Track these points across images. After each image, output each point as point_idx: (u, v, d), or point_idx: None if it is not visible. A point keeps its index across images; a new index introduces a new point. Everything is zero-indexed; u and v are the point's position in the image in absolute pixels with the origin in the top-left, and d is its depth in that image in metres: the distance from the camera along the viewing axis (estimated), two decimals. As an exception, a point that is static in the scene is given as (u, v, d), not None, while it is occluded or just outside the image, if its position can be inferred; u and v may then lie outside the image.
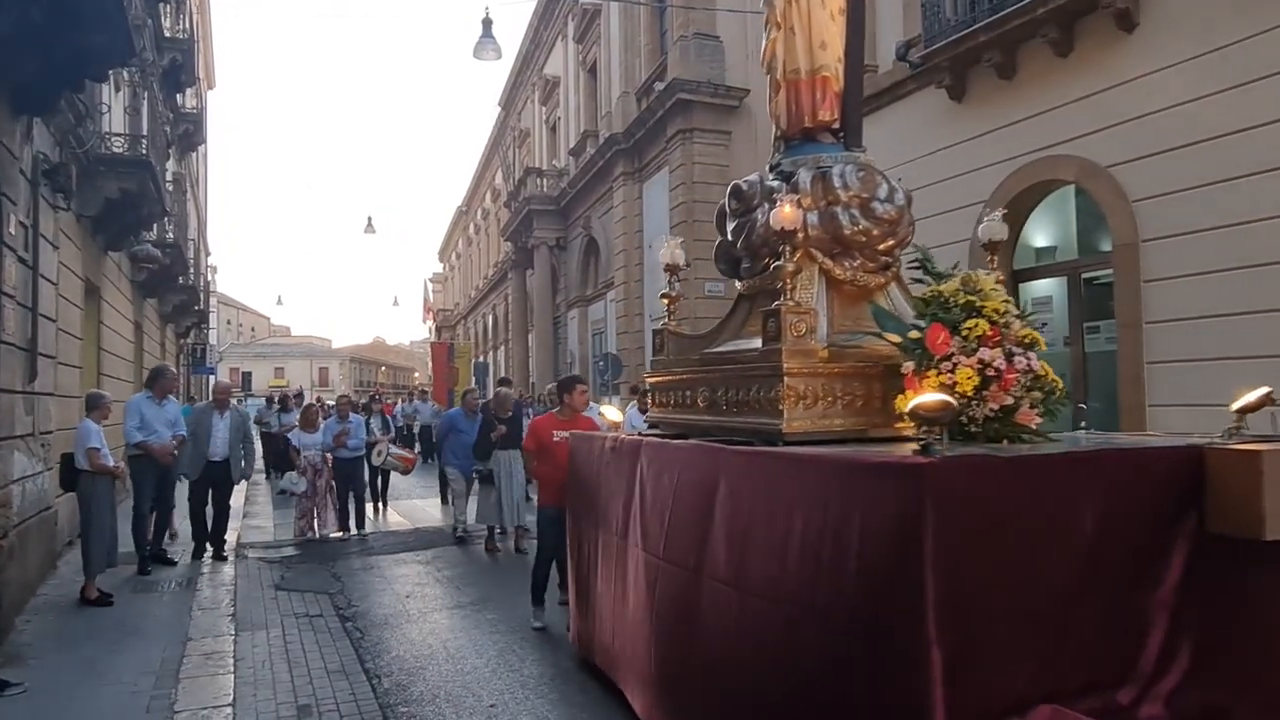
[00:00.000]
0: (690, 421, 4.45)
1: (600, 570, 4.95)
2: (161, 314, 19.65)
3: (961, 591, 2.44)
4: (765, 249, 4.29)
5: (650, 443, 4.39)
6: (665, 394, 4.91)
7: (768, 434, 3.60)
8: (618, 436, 4.96)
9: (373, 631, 6.39)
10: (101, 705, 4.77)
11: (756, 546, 3.16)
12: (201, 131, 23.27)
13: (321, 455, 10.53)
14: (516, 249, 29.14)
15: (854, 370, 3.73)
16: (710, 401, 4.21)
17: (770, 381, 3.64)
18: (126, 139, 11.12)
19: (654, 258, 18.54)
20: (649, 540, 4.11)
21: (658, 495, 4.08)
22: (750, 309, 4.58)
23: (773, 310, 3.70)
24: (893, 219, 4.21)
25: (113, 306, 12.58)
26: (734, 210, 4.60)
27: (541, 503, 6.41)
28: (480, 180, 43.97)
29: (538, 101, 29.85)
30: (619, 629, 4.57)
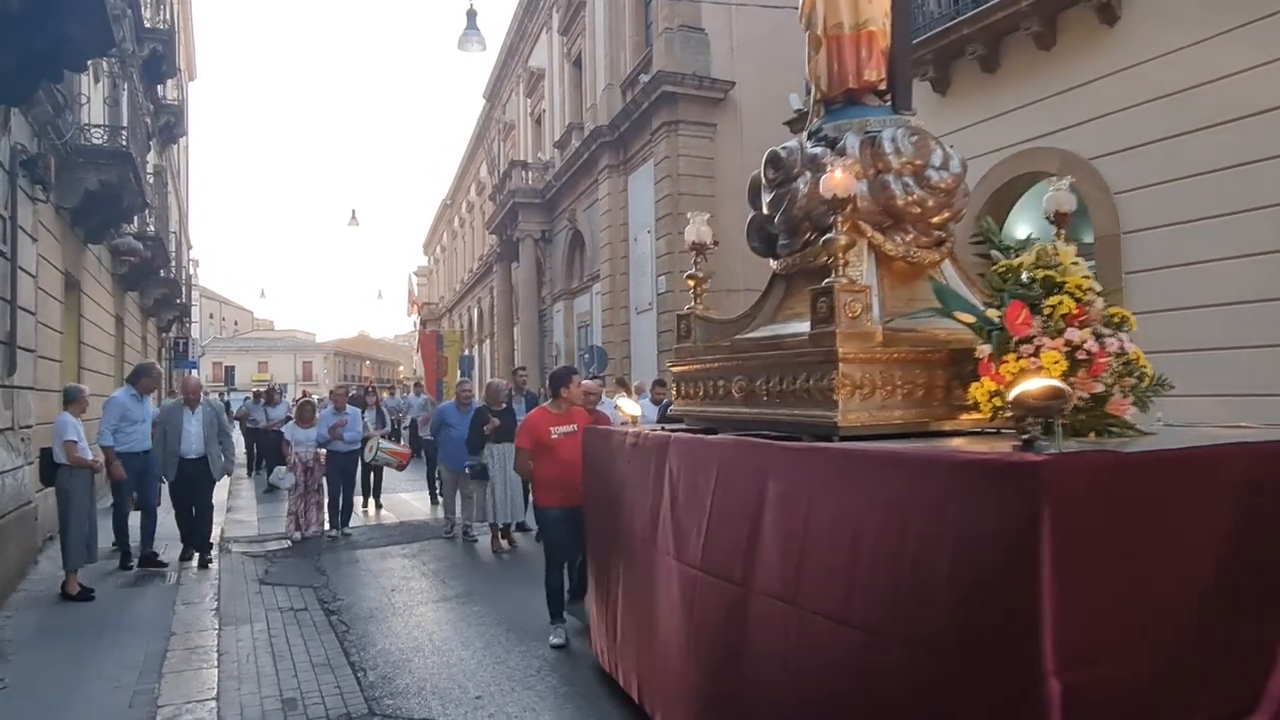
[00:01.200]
0: (723, 414, 4.03)
1: (624, 579, 4.54)
2: (143, 308, 19.50)
3: (1082, 614, 2.07)
4: (807, 223, 3.90)
5: (680, 439, 3.97)
6: (692, 384, 4.41)
7: (819, 428, 3.22)
8: (640, 432, 4.48)
9: (358, 625, 6.38)
10: (83, 700, 4.74)
11: (817, 558, 2.79)
12: (183, 123, 23.08)
13: (314, 453, 10.17)
14: (502, 242, 29.04)
15: (915, 356, 3.31)
16: (748, 392, 3.78)
17: (822, 369, 3.23)
18: (106, 130, 11.03)
19: (639, 250, 18.57)
20: (683, 548, 3.72)
21: (692, 498, 3.69)
22: (787, 290, 4.17)
23: (824, 288, 3.26)
24: (949, 188, 3.80)
25: (93, 300, 12.47)
26: (771, 180, 4.10)
27: (542, 503, 5.88)
28: (465, 173, 43.78)
29: (522, 94, 29.74)
30: (647, 645, 4.15)
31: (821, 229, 3.68)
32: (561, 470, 5.62)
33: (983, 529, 2.21)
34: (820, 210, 3.61)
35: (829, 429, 3.17)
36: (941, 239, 3.90)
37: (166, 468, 8.10)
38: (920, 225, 3.81)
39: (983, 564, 2.19)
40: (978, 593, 2.20)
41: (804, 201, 3.83)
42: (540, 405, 6.45)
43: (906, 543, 2.42)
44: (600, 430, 5.34)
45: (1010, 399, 2.56)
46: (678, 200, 16.90)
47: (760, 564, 3.11)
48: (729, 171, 17.02)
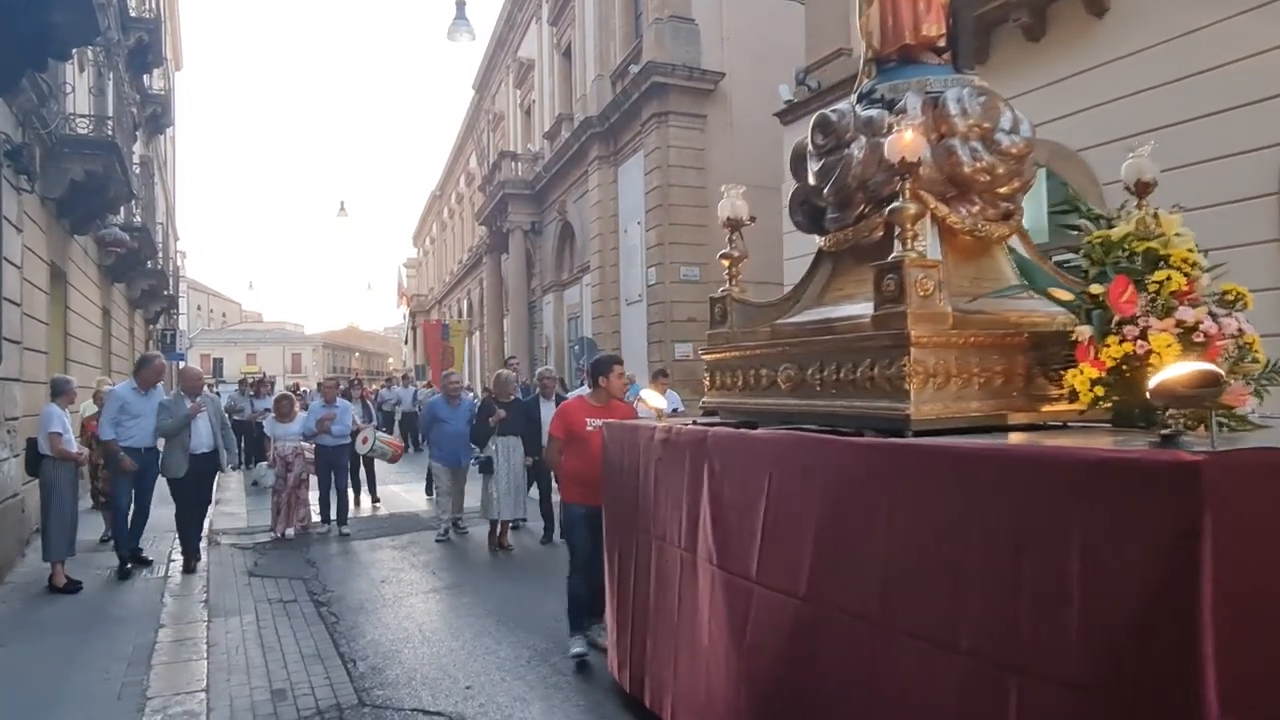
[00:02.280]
0: (767, 407, 3.64)
1: (654, 588, 4.10)
2: (130, 299, 19.37)
3: (1249, 643, 1.74)
4: (861, 193, 3.52)
5: (720, 434, 3.56)
6: (729, 373, 4.01)
7: (887, 421, 2.84)
8: (670, 426, 4.05)
9: (348, 616, 6.37)
10: (72, 691, 4.72)
11: (910, 573, 2.43)
12: (169, 113, 22.89)
13: (295, 448, 9.79)
14: (491, 233, 28.94)
15: (993, 340, 2.94)
16: (797, 382, 3.41)
17: (889, 354, 2.86)
18: (91, 120, 10.93)
19: (629, 242, 18.55)
20: (731, 557, 3.32)
21: (741, 500, 3.28)
22: (834, 269, 3.80)
23: (892, 264, 2.89)
24: (1020, 154, 3.43)
25: (79, 291, 12.38)
26: (819, 147, 3.69)
27: (569, 498, 5.47)
28: (454, 164, 43.61)
29: (512, 84, 29.62)
30: (686, 662, 3.71)
31: (877, 200, 3.38)
32: (589, 466, 5.15)
33: (1126, 541, 1.85)
34: (878, 178, 3.32)
35: (900, 423, 2.79)
36: (1009, 211, 3.53)
37: (179, 466, 7.53)
38: (987, 195, 3.44)
39: (1125, 583, 1.84)
40: (1118, 618, 1.84)
41: (858, 169, 3.46)
42: (579, 393, 6.15)
43: (1025, 557, 2.06)
44: (622, 424, 4.85)
45: (1153, 387, 2.14)
46: (668, 191, 16.89)
47: (832, 577, 2.74)
48: (719, 163, 17.02)
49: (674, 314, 17.00)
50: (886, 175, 3.20)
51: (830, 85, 11.69)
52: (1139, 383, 2.42)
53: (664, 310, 17.05)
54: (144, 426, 7.51)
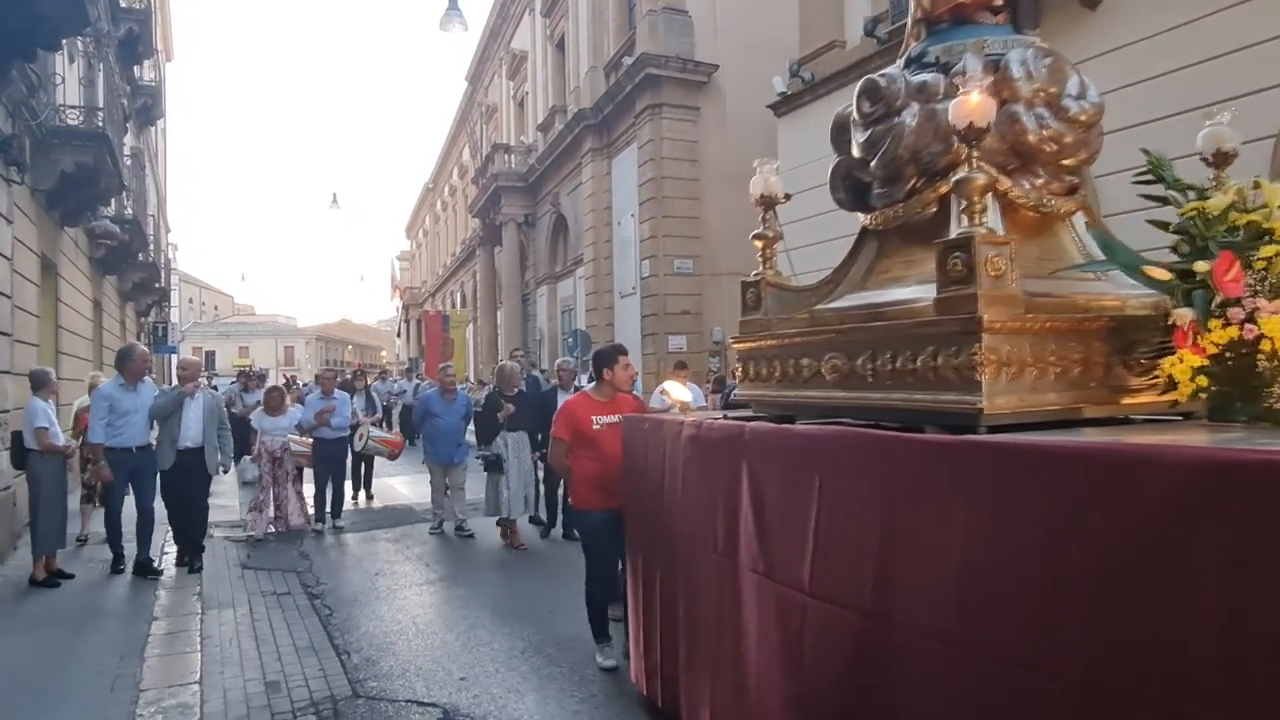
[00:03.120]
0: (808, 400, 3.36)
1: (686, 596, 3.81)
2: (121, 292, 19.31)
3: None
4: (913, 166, 3.22)
5: (760, 430, 3.27)
6: (765, 364, 3.69)
7: (954, 416, 2.60)
8: (699, 421, 3.77)
9: (342, 609, 6.37)
10: (64, 685, 4.72)
11: (993, 586, 2.15)
12: (160, 105, 22.78)
13: (283, 443, 9.36)
14: (484, 226, 28.91)
15: (1070, 325, 2.67)
16: (844, 373, 3.12)
17: (956, 342, 2.59)
18: (82, 111, 10.87)
19: (623, 234, 18.54)
20: (779, 566, 3.03)
21: (786, 504, 3.01)
22: (880, 250, 3.52)
23: (959, 241, 2.63)
24: (1089, 121, 3.15)
25: (70, 283, 12.33)
26: (866, 116, 3.38)
27: (581, 504, 5.05)
28: (447, 156, 43.50)
29: (505, 76, 29.54)
30: (728, 677, 3.40)
31: (930, 173, 3.13)
32: (604, 467, 4.80)
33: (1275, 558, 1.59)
34: (933, 149, 3.06)
35: (970, 418, 2.54)
36: (1074, 185, 3.24)
37: (164, 457, 7.24)
38: (1052, 168, 3.17)
39: None
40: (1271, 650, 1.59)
41: (911, 139, 3.16)
42: (582, 390, 5.72)
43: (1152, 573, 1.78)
44: (644, 419, 4.46)
45: None
46: (661, 184, 16.89)
47: (900, 590, 2.46)
48: (712, 155, 17.01)
49: (668, 306, 17.02)
50: (943, 145, 2.97)
51: (824, 77, 11.68)
52: (1243, 371, 2.26)
53: (658, 303, 17.06)
54: (136, 424, 7.09)
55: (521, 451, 8.40)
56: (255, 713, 4.41)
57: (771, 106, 13.10)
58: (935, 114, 3.07)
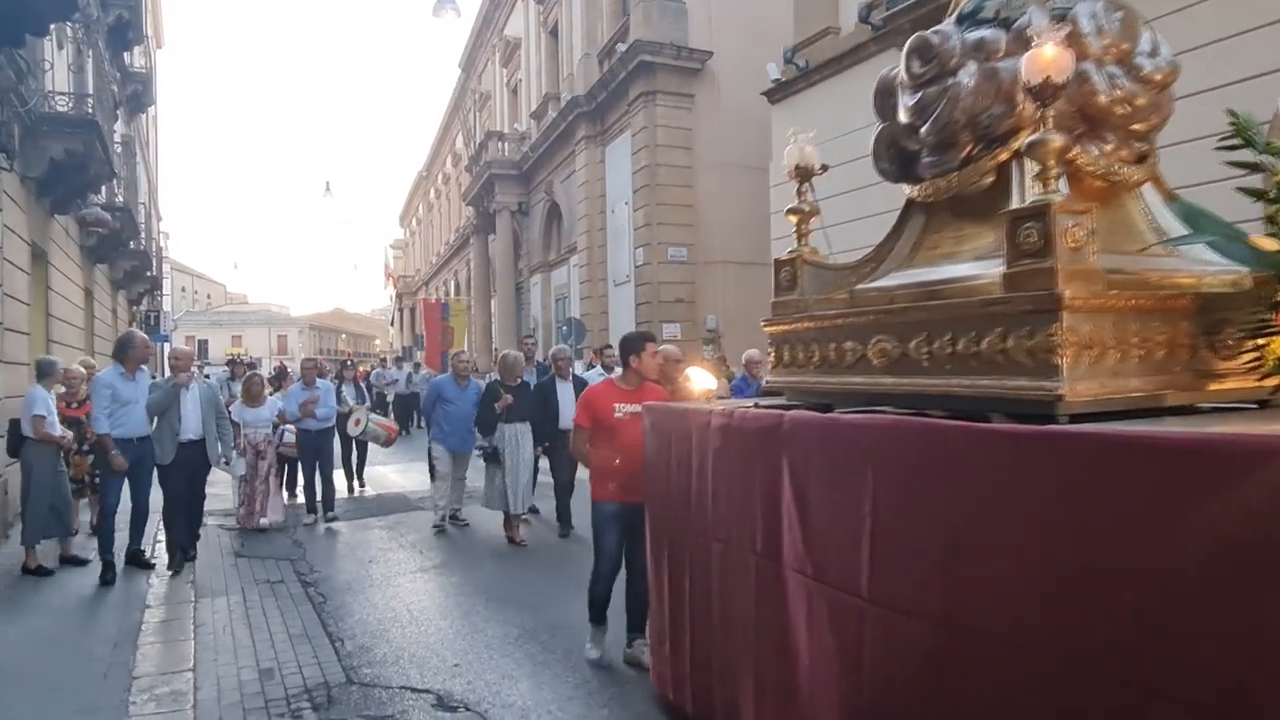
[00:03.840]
0: (852, 387, 3.10)
1: (718, 598, 3.56)
2: (113, 280, 19.22)
3: None
4: (969, 131, 2.95)
5: (800, 419, 3.01)
6: (801, 348, 3.42)
7: (1028, 403, 2.36)
8: (730, 410, 3.50)
9: (335, 596, 6.37)
10: (57, 673, 4.71)
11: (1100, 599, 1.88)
12: (151, 92, 22.61)
13: (266, 435, 9.02)
14: (478, 214, 28.82)
15: (1154, 303, 2.45)
16: (894, 358, 2.88)
17: (1031, 321, 2.36)
18: (71, 98, 10.78)
19: (617, 222, 18.50)
20: (830, 568, 2.78)
21: (834, 501, 2.76)
22: (928, 224, 3.27)
23: (1033, 209, 2.41)
24: (1164, 81, 2.89)
25: (61, 271, 12.26)
26: (917, 77, 3.10)
27: (598, 496, 4.79)
28: (441, 144, 43.33)
29: (498, 63, 29.41)
30: (773, 687, 3.15)
31: (989, 138, 2.89)
32: (621, 457, 4.62)
33: None
34: (993, 111, 2.84)
35: (1047, 405, 2.30)
36: (1144, 153, 2.96)
37: (165, 451, 6.93)
38: (1122, 133, 2.90)
39: None
40: None
41: (968, 100, 2.88)
42: (608, 378, 5.45)
43: None
44: (667, 408, 4.21)
45: None
46: (655, 171, 16.85)
47: (975, 596, 2.22)
48: (707, 143, 16.98)
49: (661, 295, 17.00)
50: (1004, 107, 2.76)
51: (818, 64, 11.64)
52: None
53: (652, 291, 17.04)
54: (136, 414, 6.81)
55: (522, 444, 8.12)
56: (249, 700, 4.41)
57: (766, 94, 13.06)
58: (996, 73, 2.85)
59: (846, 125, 10.69)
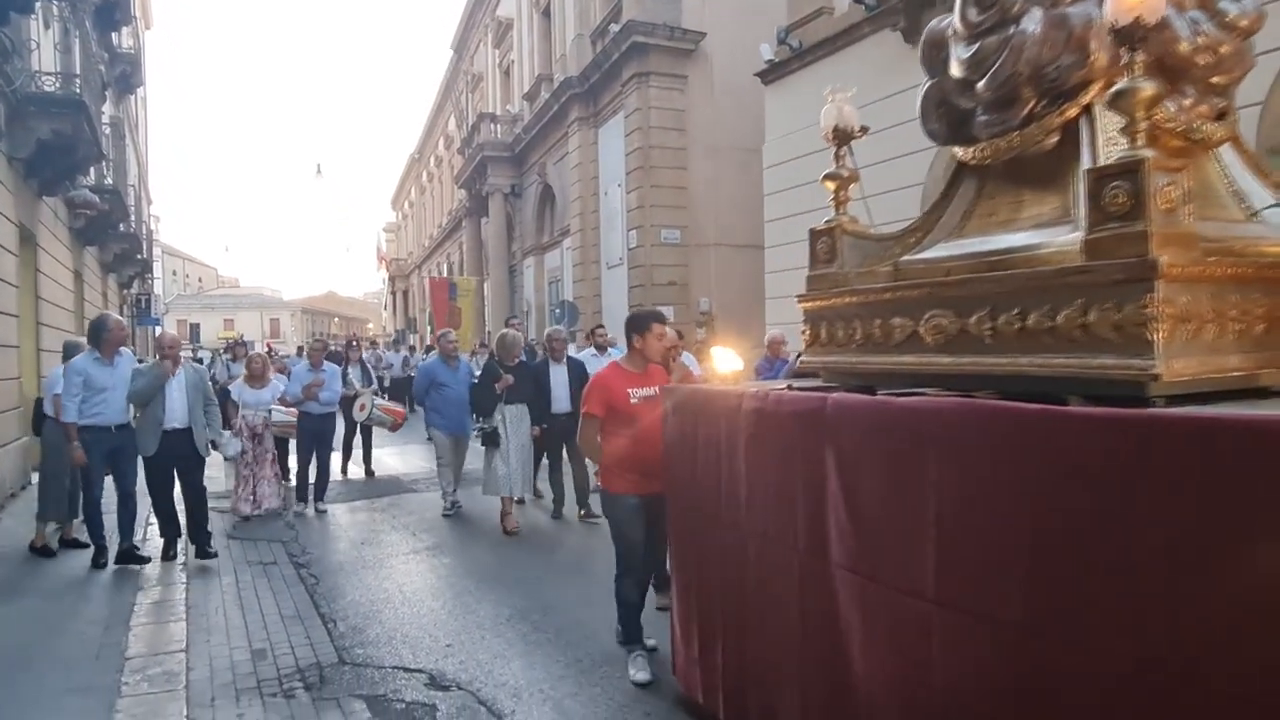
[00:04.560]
0: (902, 367, 2.85)
1: (753, 596, 3.29)
2: (102, 263, 19.11)
3: None
4: (1032, 86, 2.70)
5: (847, 403, 2.75)
6: (840, 325, 3.17)
7: (1115, 383, 2.14)
8: (763, 392, 3.23)
9: (328, 578, 6.37)
10: (48, 654, 4.71)
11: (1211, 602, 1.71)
12: (139, 73, 22.43)
13: (264, 417, 8.65)
14: (471, 196, 28.71)
15: (1255, 274, 2.24)
16: (952, 334, 2.63)
17: (1119, 292, 2.13)
18: (58, 78, 10.68)
19: (610, 205, 18.45)
20: (888, 567, 2.52)
21: (889, 492, 2.52)
22: (981, 189, 3.01)
23: (1120, 166, 2.17)
24: (1250, 28, 2.65)
25: (50, 254, 12.18)
26: (974, 26, 2.84)
27: (615, 488, 4.46)
28: (433, 126, 43.08)
29: (490, 44, 29.20)
30: (820, 696, 2.90)
31: (1055, 93, 2.66)
32: (640, 446, 4.31)
33: None
34: (1063, 62, 2.61)
35: (1137, 386, 2.09)
36: (1223, 110, 2.72)
37: (149, 439, 6.56)
38: (1202, 85, 2.67)
39: None
40: None
41: (1034, 50, 2.64)
42: (613, 360, 5.07)
43: None
44: (692, 390, 3.96)
45: None
46: (648, 153, 16.78)
47: (1068, 603, 1.98)
48: (700, 124, 16.91)
49: (654, 277, 16.98)
50: (1075, 57, 2.53)
51: (811, 45, 11.58)
52: None
53: (645, 274, 17.02)
54: (113, 401, 6.47)
55: (520, 425, 7.87)
56: (241, 680, 4.42)
57: (759, 75, 12.99)
58: (1066, 19, 2.62)
59: (840, 106, 10.67)
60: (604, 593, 4.83)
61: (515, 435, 7.80)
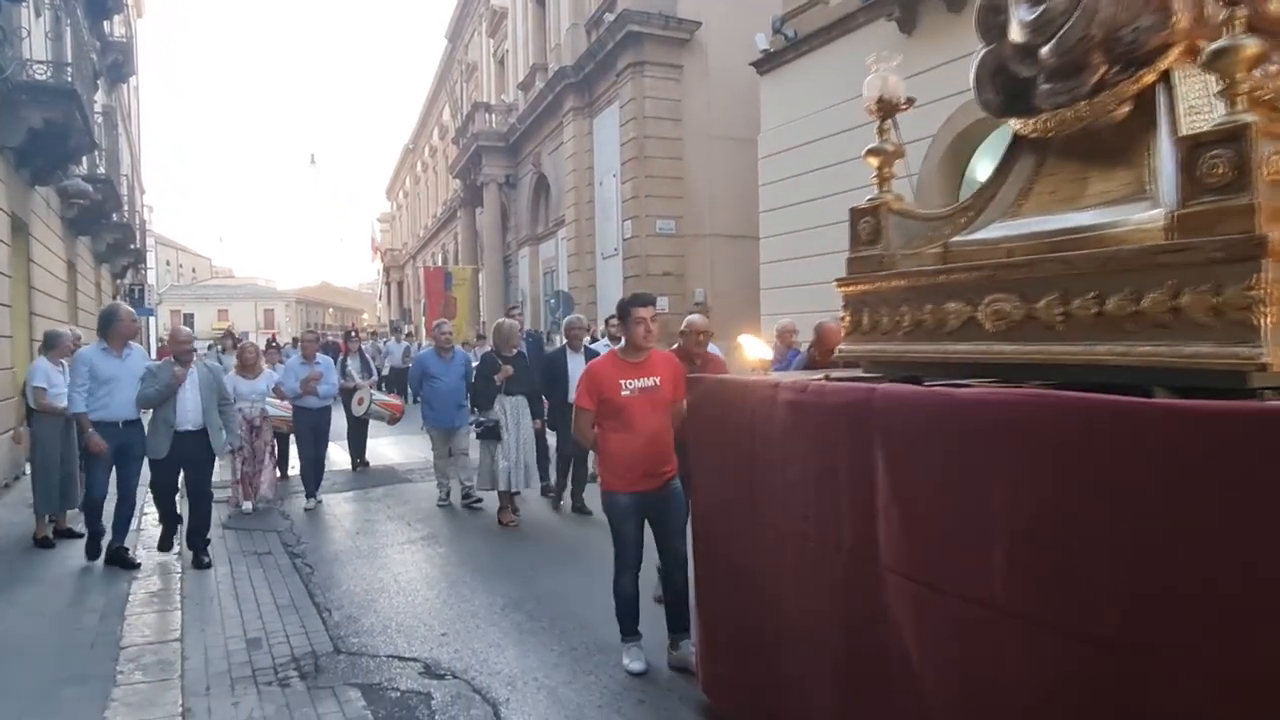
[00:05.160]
0: (957, 357, 2.63)
1: (791, 600, 3.04)
2: (95, 253, 19.04)
3: None
4: (1102, 51, 2.48)
5: (897, 394, 2.51)
6: (885, 310, 2.94)
7: (1212, 374, 1.94)
8: (801, 383, 3.00)
9: (322, 567, 6.38)
10: (44, 643, 4.71)
11: None
12: (131, 62, 22.29)
13: (260, 409, 8.47)
14: (465, 187, 28.63)
15: None
16: (1016, 320, 2.42)
17: (1217, 274, 1.93)
18: (50, 66, 10.62)
19: (605, 195, 18.42)
20: (948, 572, 2.30)
21: (945, 493, 2.29)
22: (1039, 164, 2.79)
23: (1220, 133, 1.96)
24: None
25: (42, 243, 12.13)
26: None
27: (610, 486, 4.27)
28: (427, 116, 42.92)
29: (485, 33, 29.07)
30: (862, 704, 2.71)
31: (1130, 59, 2.44)
32: (634, 441, 4.15)
33: None
34: (1142, 23, 2.39)
35: (1237, 378, 1.89)
36: None
37: (160, 442, 6.20)
38: None
39: None
40: None
41: (1108, 10, 2.42)
42: (611, 350, 4.86)
43: None
44: (719, 381, 3.71)
45: None
46: (643, 143, 16.75)
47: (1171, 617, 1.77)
48: (695, 114, 16.87)
49: (650, 268, 16.97)
50: (1156, 17, 2.34)
51: (807, 34, 11.55)
52: None
53: (640, 264, 17.00)
54: (121, 395, 6.16)
55: (521, 418, 7.64)
56: (236, 669, 4.42)
57: (754, 64, 12.96)
58: None
59: (835, 96, 10.65)
60: (598, 583, 4.85)
61: (516, 428, 7.58)
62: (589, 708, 3.89)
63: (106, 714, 3.83)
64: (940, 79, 9.22)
